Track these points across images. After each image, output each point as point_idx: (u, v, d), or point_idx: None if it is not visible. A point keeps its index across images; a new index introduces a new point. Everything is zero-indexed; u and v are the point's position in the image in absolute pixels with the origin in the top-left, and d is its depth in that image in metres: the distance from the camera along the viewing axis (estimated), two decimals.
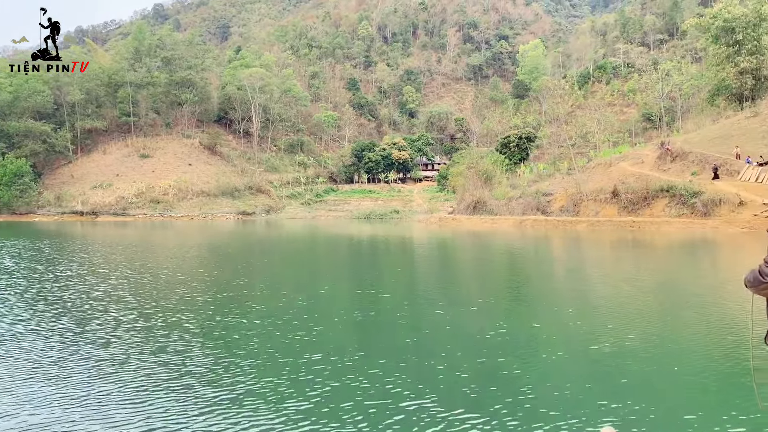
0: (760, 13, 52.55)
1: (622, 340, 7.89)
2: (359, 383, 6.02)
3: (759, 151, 41.15)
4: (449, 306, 10.97)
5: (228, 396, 5.69)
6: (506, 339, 8.11)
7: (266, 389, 5.88)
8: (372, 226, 57.94)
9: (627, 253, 25.24)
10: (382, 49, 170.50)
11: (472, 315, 9.88)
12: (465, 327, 8.93)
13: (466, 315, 9.87)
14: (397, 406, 5.38)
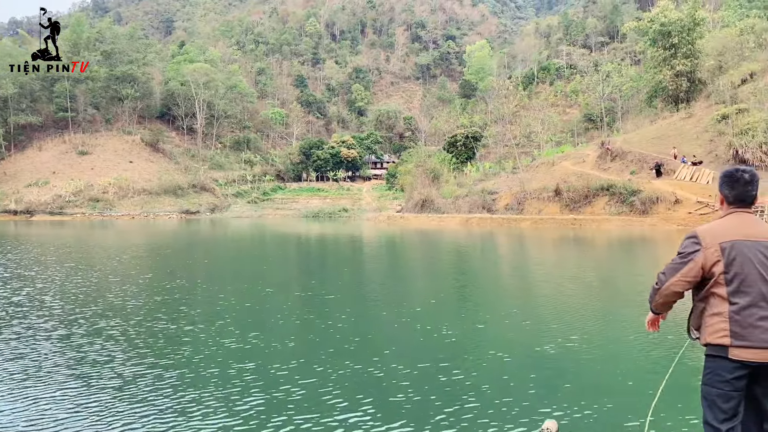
0: (694, 18, 54.59)
1: (566, 341, 7.82)
2: (292, 395, 5.67)
3: (693, 150, 42.74)
4: (394, 307, 10.74)
5: (146, 412, 5.27)
6: (450, 342, 7.91)
7: (190, 403, 5.48)
8: (320, 224, 57.41)
9: (569, 250, 25.68)
10: (331, 46, 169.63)
11: (417, 316, 9.67)
12: (408, 330, 8.70)
13: (410, 317, 9.66)
14: (331, 420, 5.09)
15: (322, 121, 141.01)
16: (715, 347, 3.13)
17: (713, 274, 3.13)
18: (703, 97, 52.44)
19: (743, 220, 3.23)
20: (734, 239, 3.13)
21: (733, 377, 3.08)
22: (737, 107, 43.61)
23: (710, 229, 3.23)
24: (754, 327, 3.04)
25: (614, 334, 8.43)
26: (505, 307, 11.07)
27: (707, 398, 3.18)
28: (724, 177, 3.36)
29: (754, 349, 3.03)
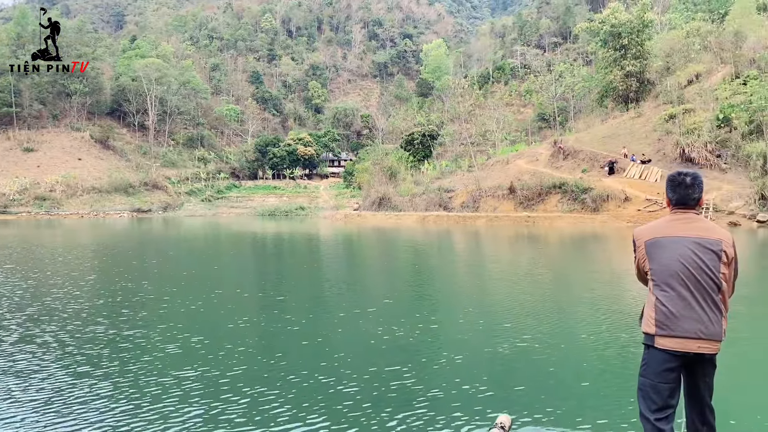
0: (643, 20, 55.97)
1: (520, 340, 7.76)
2: (234, 405, 5.35)
3: (642, 149, 43.83)
4: (347, 308, 10.51)
5: (73, 428, 4.93)
6: (402, 343, 7.72)
7: (123, 416, 5.14)
8: (276, 223, 56.72)
9: (524, 248, 25.94)
10: (287, 42, 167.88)
11: (370, 318, 9.44)
12: (360, 332, 8.46)
13: (363, 318, 9.44)
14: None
15: (278, 118, 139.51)
16: (646, 336, 3.33)
17: (645, 270, 3.42)
18: (652, 97, 53.84)
19: (677, 218, 3.44)
20: (658, 236, 3.38)
21: (663, 368, 3.22)
22: (684, 107, 44.91)
23: (642, 229, 3.53)
24: (677, 317, 3.21)
25: (568, 334, 8.42)
26: (460, 306, 10.99)
27: (642, 389, 3.32)
28: (668, 180, 3.56)
29: (678, 339, 3.19)
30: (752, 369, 6.85)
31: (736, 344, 7.39)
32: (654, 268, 3.34)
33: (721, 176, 39.18)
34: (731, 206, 36.12)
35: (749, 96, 40.93)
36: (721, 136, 40.60)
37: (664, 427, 3.21)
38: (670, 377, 3.22)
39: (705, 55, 52.51)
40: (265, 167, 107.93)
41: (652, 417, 3.23)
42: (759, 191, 35.91)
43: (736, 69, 46.80)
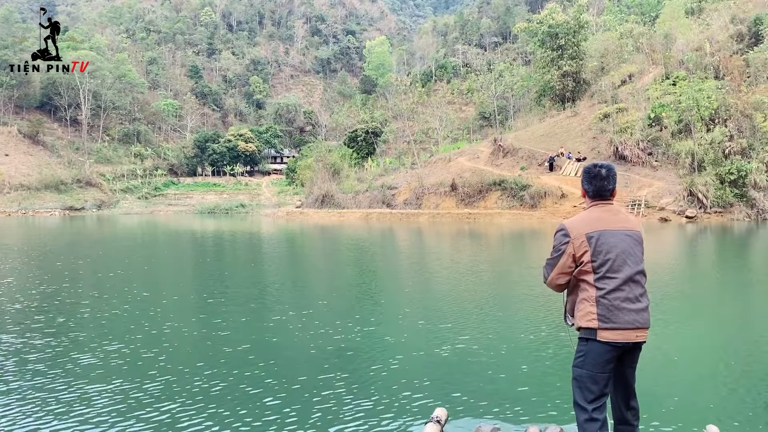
0: (579, 21, 57.49)
1: (460, 341, 7.64)
2: (144, 426, 4.94)
3: (578, 147, 44.99)
4: (284, 311, 10.15)
5: None
6: (337, 347, 7.46)
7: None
8: (216, 221, 55.41)
9: (465, 244, 26.13)
10: (227, 37, 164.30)
11: (306, 320, 9.13)
12: (293, 336, 8.17)
13: (299, 321, 9.12)
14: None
15: (218, 113, 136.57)
16: (586, 330, 3.32)
17: (582, 262, 3.34)
18: (587, 97, 55.38)
19: (605, 210, 3.48)
20: (599, 229, 3.36)
21: (603, 360, 3.27)
22: (617, 107, 46.37)
23: (576, 221, 3.46)
24: (619, 309, 3.26)
25: (507, 334, 8.35)
26: (401, 306, 10.84)
27: (578, 380, 3.35)
28: (584, 173, 3.58)
29: (620, 330, 3.25)
30: (680, 352, 7.27)
31: (669, 328, 7.78)
32: (597, 260, 3.31)
33: (653, 173, 40.65)
34: (662, 203, 37.53)
35: (678, 96, 42.58)
36: (652, 134, 42.11)
37: (599, 416, 3.28)
38: (608, 368, 3.30)
39: (637, 56, 54.39)
40: (204, 164, 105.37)
41: (590, 407, 3.28)
42: (687, 188, 37.43)
43: (666, 70, 48.64)
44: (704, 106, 39.99)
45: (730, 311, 10.35)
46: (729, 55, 45.58)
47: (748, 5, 51.12)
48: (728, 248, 23.55)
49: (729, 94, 41.39)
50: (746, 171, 37.16)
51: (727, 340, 8.13)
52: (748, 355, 7.18)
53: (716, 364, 6.81)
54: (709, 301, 11.56)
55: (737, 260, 19.12)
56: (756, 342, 7.86)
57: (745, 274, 15.80)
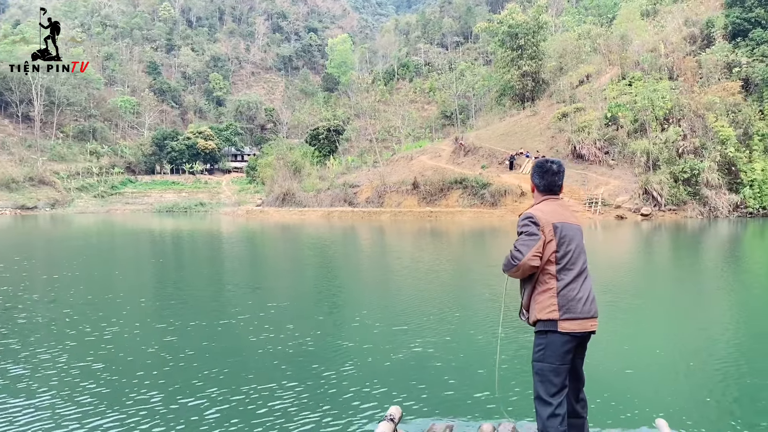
0: (538, 22, 58.22)
1: (417, 341, 7.51)
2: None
3: (537, 146, 45.53)
4: (236, 313, 9.76)
5: None
6: (290, 351, 7.18)
7: None
8: (174, 220, 54.26)
9: (426, 243, 26.07)
10: (186, 33, 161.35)
11: (257, 323, 8.81)
12: (244, 341, 7.80)
13: (250, 325, 8.78)
14: None
15: (177, 110, 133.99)
16: (546, 322, 3.34)
17: (549, 253, 3.35)
18: (546, 97, 56.15)
19: (559, 205, 3.51)
20: (563, 221, 3.41)
21: (564, 351, 3.31)
22: (575, 106, 47.14)
23: (541, 211, 3.44)
24: (576, 300, 3.33)
25: (464, 333, 8.18)
26: (359, 307, 10.62)
27: (540, 374, 3.36)
28: (536, 167, 3.60)
29: (578, 320, 3.31)
30: (630, 347, 7.37)
31: (620, 323, 7.79)
32: (561, 251, 3.36)
33: (609, 172, 41.41)
34: (618, 200, 38.25)
35: (634, 96, 43.52)
36: (608, 134, 42.91)
37: (562, 411, 3.31)
38: (567, 359, 3.34)
39: (595, 56, 55.39)
40: (163, 162, 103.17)
41: (554, 401, 3.30)
42: (642, 186, 38.25)
43: (623, 70, 49.66)
44: (659, 106, 40.96)
45: (680, 307, 10.47)
46: (682, 57, 46.79)
47: (700, 8, 52.56)
48: (682, 245, 24.07)
49: (682, 94, 42.48)
50: (699, 170, 38.18)
51: (677, 336, 8.23)
52: (696, 350, 7.27)
53: (666, 359, 6.85)
54: (660, 296, 11.67)
55: (690, 257, 19.51)
56: (704, 337, 7.94)
57: (696, 270, 16.09)
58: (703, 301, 11.05)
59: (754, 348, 7.34)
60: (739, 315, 9.58)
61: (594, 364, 6.00)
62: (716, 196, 38.40)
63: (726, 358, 6.76)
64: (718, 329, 8.36)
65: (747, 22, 46.00)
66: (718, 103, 40.83)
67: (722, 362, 6.58)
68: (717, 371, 6.25)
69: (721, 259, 18.19)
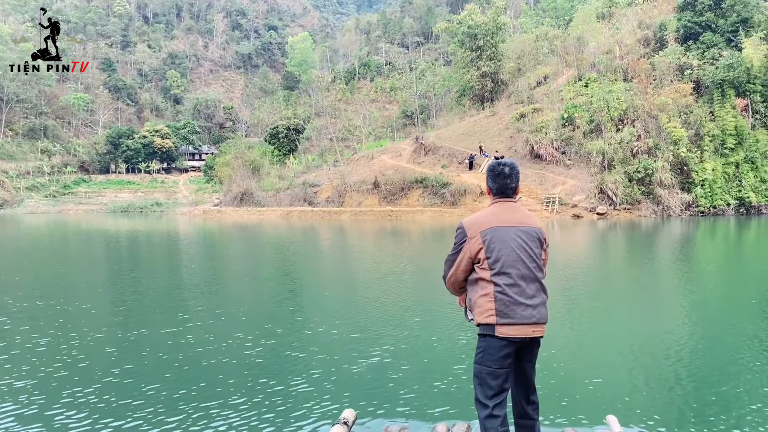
0: (497, 23, 58.78)
1: (371, 344, 7.38)
2: None
3: (496, 146, 45.93)
4: (180, 322, 9.27)
5: None
6: (239, 359, 6.86)
7: None
8: (129, 220, 52.89)
9: (387, 243, 25.94)
10: (143, 29, 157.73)
11: (205, 332, 8.40)
12: (190, 351, 7.40)
13: (197, 333, 8.39)
14: None
15: (133, 108, 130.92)
16: (485, 326, 3.33)
17: (479, 259, 3.36)
18: (505, 97, 56.73)
19: (503, 208, 3.49)
20: (493, 226, 3.38)
21: (501, 355, 3.29)
22: (533, 107, 47.74)
23: (474, 219, 3.48)
24: (516, 305, 3.28)
25: (418, 335, 8.02)
26: (315, 312, 10.37)
27: (478, 376, 3.37)
28: (489, 171, 3.61)
29: (517, 326, 3.27)
30: (581, 345, 7.46)
31: (571, 322, 7.79)
32: (492, 256, 3.34)
33: (566, 172, 42.05)
34: (574, 200, 38.85)
35: (590, 97, 44.30)
36: (565, 134, 43.55)
37: (500, 412, 3.30)
38: (506, 363, 3.32)
39: (552, 58, 56.23)
40: (118, 161, 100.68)
41: (491, 403, 3.30)
42: (598, 186, 38.94)
43: (579, 72, 50.51)
44: (614, 107, 41.79)
45: (634, 306, 10.52)
46: (637, 59, 47.86)
47: (654, 11, 53.87)
48: (636, 244, 24.52)
49: (636, 95, 43.42)
50: (652, 169, 39.09)
51: (627, 333, 8.23)
52: (648, 349, 7.30)
53: (617, 358, 6.87)
54: (614, 296, 11.75)
55: (644, 256, 19.82)
56: (657, 336, 7.97)
57: (650, 269, 16.30)
58: (656, 301, 11.11)
59: (705, 346, 7.42)
60: (691, 314, 9.68)
61: (547, 364, 6.07)
62: (669, 195, 39.36)
63: (677, 356, 6.83)
64: (671, 328, 8.42)
65: (698, 26, 47.35)
66: (670, 105, 41.88)
67: (673, 360, 6.66)
68: (668, 369, 6.31)
69: (675, 259, 18.45)
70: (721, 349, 7.18)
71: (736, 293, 11.93)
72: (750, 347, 7.24)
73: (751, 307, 10.06)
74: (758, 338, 7.69)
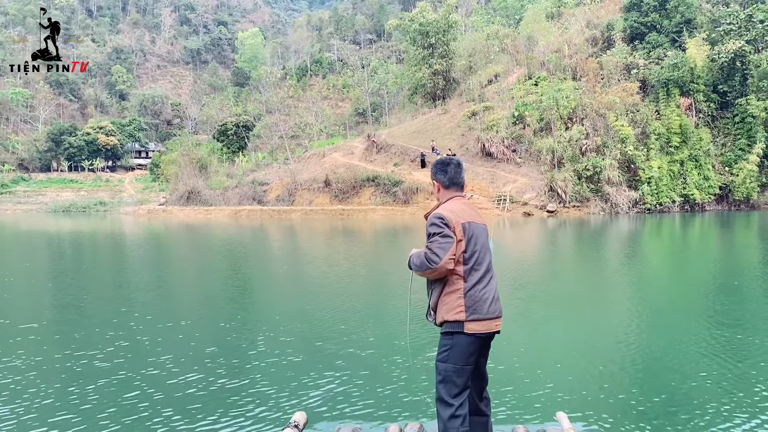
0: (448, 21, 58.71)
1: (322, 345, 7.25)
2: None
3: (448, 144, 45.78)
4: (112, 340, 8.57)
5: None
6: (174, 370, 6.28)
7: None
8: (69, 220, 50.66)
9: (339, 243, 25.31)
10: (86, 23, 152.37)
11: (136, 351, 7.68)
12: (117, 377, 6.76)
13: (127, 352, 7.67)
14: None
15: (76, 104, 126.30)
16: (453, 323, 3.29)
17: (458, 251, 3.30)
18: (457, 95, 56.70)
19: (465, 204, 3.48)
20: (469, 220, 3.37)
21: (469, 352, 3.28)
22: (484, 105, 47.78)
23: (450, 211, 3.37)
24: (483, 301, 3.30)
25: (370, 335, 7.83)
26: (263, 315, 9.86)
27: (443, 375, 3.32)
28: (438, 164, 3.60)
29: (483, 321, 3.29)
30: (530, 342, 7.54)
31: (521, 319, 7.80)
32: (469, 251, 3.33)
33: (517, 170, 42.19)
34: (525, 198, 38.99)
35: (540, 96, 44.59)
36: (516, 132, 43.69)
37: (463, 411, 3.29)
38: (472, 360, 3.32)
39: (503, 56, 56.49)
40: (60, 158, 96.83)
41: (455, 402, 3.28)
42: (548, 183, 39.20)
43: (529, 70, 50.86)
44: (563, 106, 42.16)
45: (583, 303, 10.47)
46: (585, 58, 48.47)
47: (601, 11, 54.75)
48: (585, 242, 24.60)
49: (585, 94, 43.93)
50: (601, 167, 39.58)
51: (577, 332, 8.22)
52: (597, 346, 7.36)
53: (567, 355, 6.89)
54: (561, 293, 11.69)
55: (592, 254, 19.82)
56: (605, 332, 7.98)
57: (598, 267, 16.25)
58: (605, 299, 11.08)
59: (653, 343, 7.36)
60: (640, 311, 9.60)
61: (498, 363, 6.05)
62: (617, 193, 39.95)
63: (626, 354, 6.85)
64: (620, 326, 8.37)
65: (643, 26, 48.27)
66: (618, 103, 42.50)
67: (622, 358, 6.70)
68: (617, 366, 6.34)
69: (624, 256, 18.55)
70: (670, 347, 7.12)
71: (685, 291, 11.92)
72: (699, 344, 7.22)
73: (699, 304, 10.04)
74: (707, 335, 7.68)
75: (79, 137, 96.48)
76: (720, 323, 8.39)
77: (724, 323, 8.37)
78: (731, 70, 44.49)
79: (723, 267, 15.52)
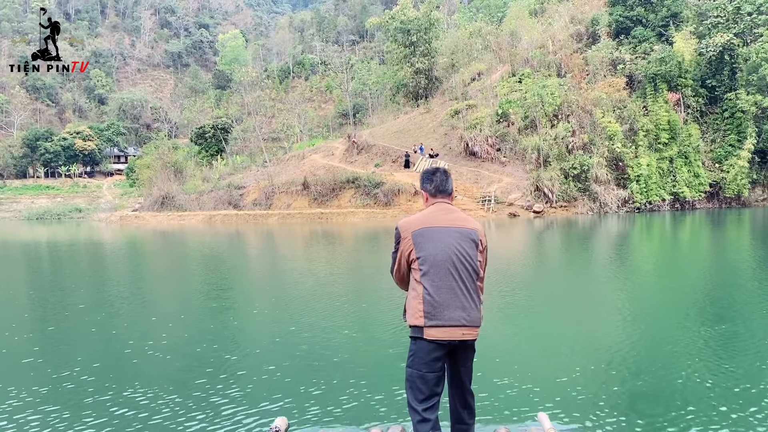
0: (430, 18, 57.37)
1: (303, 350, 7.17)
2: None
3: (431, 143, 44.42)
4: (76, 363, 7.09)
5: None
6: (155, 377, 5.70)
7: None
8: (45, 228, 48.78)
9: (318, 248, 23.77)
10: (64, 26, 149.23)
11: (108, 371, 6.39)
12: (89, 397, 5.36)
13: (98, 373, 6.30)
14: None
15: (53, 109, 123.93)
16: (414, 328, 3.28)
17: (412, 259, 3.33)
18: (440, 94, 55.43)
19: (439, 209, 3.42)
20: (425, 227, 3.33)
21: (431, 358, 3.23)
22: (467, 103, 46.44)
23: (408, 221, 3.43)
24: (444, 307, 3.22)
25: (352, 340, 7.81)
26: (243, 324, 9.18)
27: (409, 380, 3.31)
28: (424, 174, 3.58)
29: (444, 328, 3.22)
30: (512, 344, 7.60)
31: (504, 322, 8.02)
32: (421, 257, 3.29)
33: (502, 169, 40.85)
34: (510, 198, 37.63)
35: (524, 93, 43.33)
36: (500, 130, 42.39)
37: (431, 416, 3.24)
38: (436, 366, 3.25)
39: (486, 54, 55.22)
40: (36, 164, 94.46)
41: (420, 407, 3.25)
42: (534, 183, 37.89)
43: (513, 67, 49.64)
44: (548, 103, 40.89)
45: (565, 305, 10.28)
46: (570, 54, 47.34)
47: (585, 7, 53.72)
48: (573, 243, 23.30)
49: (571, 90, 42.73)
50: (588, 165, 38.33)
51: (560, 333, 8.10)
52: (578, 346, 7.28)
53: (551, 356, 6.81)
54: (545, 294, 11.46)
55: (580, 256, 18.68)
56: (586, 334, 7.92)
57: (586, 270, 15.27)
58: (591, 300, 10.88)
59: (636, 345, 7.22)
60: (625, 313, 9.32)
61: (479, 363, 5.66)
62: (605, 191, 38.75)
63: (608, 355, 6.73)
64: (604, 327, 8.25)
65: (629, 20, 47.22)
66: (604, 99, 41.37)
67: (604, 358, 6.58)
68: (599, 367, 6.24)
69: (611, 258, 17.68)
70: (654, 347, 7.07)
71: (672, 291, 11.63)
72: (683, 345, 7.10)
73: (686, 306, 9.81)
74: (693, 337, 7.54)
75: (55, 142, 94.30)
76: (707, 323, 8.25)
77: (711, 323, 8.24)
78: (720, 63, 43.50)
79: (713, 267, 15.08)
